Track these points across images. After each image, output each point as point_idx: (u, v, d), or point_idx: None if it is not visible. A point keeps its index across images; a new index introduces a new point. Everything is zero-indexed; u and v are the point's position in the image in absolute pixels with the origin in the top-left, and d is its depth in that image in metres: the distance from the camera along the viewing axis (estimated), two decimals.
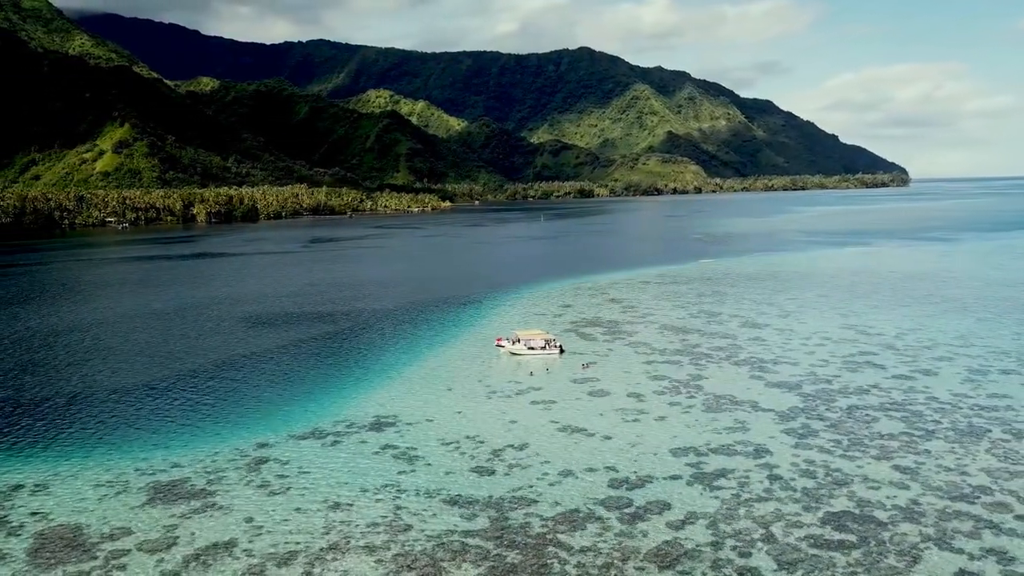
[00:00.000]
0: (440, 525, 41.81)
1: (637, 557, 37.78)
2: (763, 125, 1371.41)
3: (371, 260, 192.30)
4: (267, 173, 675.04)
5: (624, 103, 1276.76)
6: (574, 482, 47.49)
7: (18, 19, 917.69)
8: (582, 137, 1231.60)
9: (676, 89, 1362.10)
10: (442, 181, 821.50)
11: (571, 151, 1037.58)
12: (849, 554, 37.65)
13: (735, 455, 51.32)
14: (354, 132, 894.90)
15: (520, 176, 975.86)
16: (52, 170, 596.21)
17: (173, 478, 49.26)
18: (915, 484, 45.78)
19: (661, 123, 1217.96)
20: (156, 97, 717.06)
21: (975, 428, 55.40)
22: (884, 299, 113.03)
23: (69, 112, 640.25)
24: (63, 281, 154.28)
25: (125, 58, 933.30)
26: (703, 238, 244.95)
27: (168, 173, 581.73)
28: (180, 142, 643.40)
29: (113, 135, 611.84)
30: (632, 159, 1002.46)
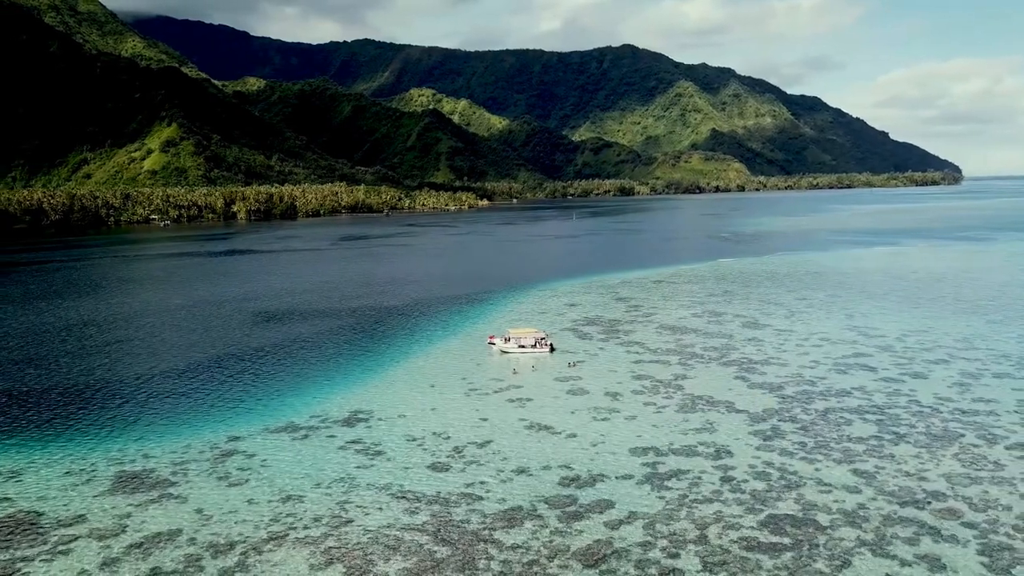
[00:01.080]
0: (382, 519, 42.47)
1: (564, 555, 37.95)
2: (810, 122, 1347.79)
3: (391, 258, 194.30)
4: (309, 171, 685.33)
5: (667, 100, 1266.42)
6: (525, 480, 47.76)
7: (74, 22, 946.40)
8: (624, 135, 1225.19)
9: (720, 86, 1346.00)
10: (482, 179, 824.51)
11: (612, 149, 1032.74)
12: (778, 557, 37.30)
13: (694, 456, 51.03)
14: (396, 131, 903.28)
15: (561, 174, 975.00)
16: (103, 168, 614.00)
17: (140, 468, 50.80)
18: (868, 489, 45.03)
19: (705, 120, 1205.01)
20: (203, 97, 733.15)
21: (949, 433, 54.17)
22: (896, 300, 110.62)
23: (120, 112, 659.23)
24: (92, 277, 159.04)
25: (175, 59, 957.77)
26: (731, 237, 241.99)
27: (213, 171, 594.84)
28: (225, 141, 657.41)
29: (161, 134, 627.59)
30: (674, 157, 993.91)
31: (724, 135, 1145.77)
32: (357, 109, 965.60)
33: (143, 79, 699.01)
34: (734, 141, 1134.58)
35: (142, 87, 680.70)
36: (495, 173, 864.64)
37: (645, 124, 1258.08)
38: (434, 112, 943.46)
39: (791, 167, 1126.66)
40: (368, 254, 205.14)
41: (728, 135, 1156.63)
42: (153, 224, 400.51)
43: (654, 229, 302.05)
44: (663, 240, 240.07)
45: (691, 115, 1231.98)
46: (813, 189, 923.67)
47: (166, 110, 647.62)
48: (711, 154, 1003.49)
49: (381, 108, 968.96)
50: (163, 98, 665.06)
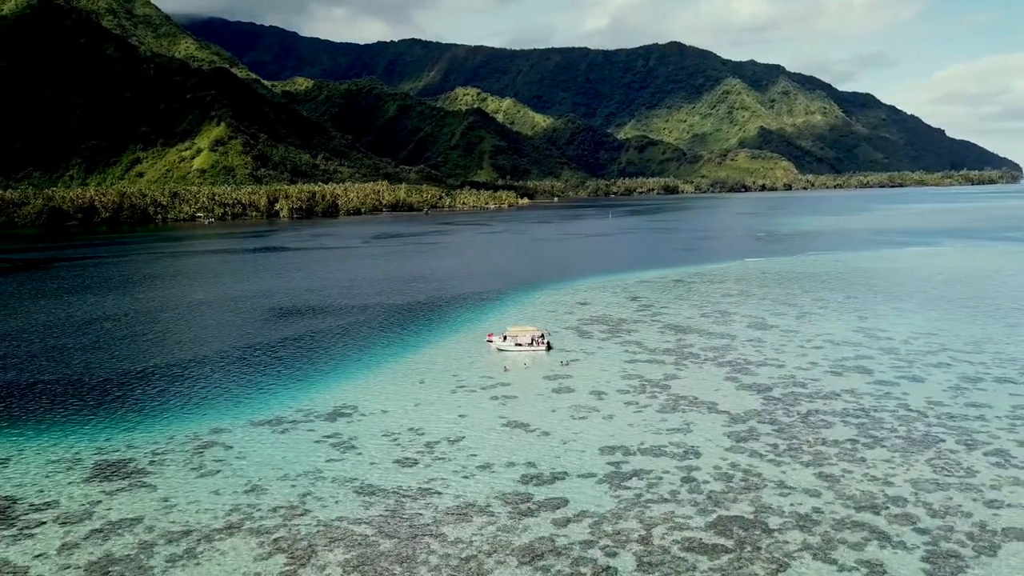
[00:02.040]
0: (336, 512, 43.27)
1: (504, 552, 38.24)
2: (862, 120, 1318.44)
3: (415, 256, 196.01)
4: (354, 170, 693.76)
5: (714, 98, 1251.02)
6: (487, 476, 48.14)
7: (130, 25, 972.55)
8: (670, 133, 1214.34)
9: (769, 83, 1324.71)
10: (525, 178, 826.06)
11: (657, 147, 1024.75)
12: (716, 559, 37.05)
13: (661, 456, 50.81)
14: (440, 130, 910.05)
15: (604, 172, 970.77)
16: (154, 167, 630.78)
17: (121, 458, 52.51)
18: (829, 492, 44.34)
19: (752, 118, 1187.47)
20: (251, 97, 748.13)
21: (928, 437, 52.96)
22: (915, 301, 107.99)
23: (171, 112, 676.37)
24: (124, 272, 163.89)
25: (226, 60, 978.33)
26: (764, 236, 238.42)
27: (260, 170, 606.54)
28: (272, 140, 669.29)
29: (210, 134, 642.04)
30: (720, 155, 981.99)
31: (772, 133, 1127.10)
32: (402, 108, 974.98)
33: (194, 80, 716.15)
34: (782, 139, 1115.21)
35: (193, 88, 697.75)
36: (538, 172, 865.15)
37: (691, 122, 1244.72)
38: (478, 111, 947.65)
39: (841, 165, 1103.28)
40: (395, 252, 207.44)
41: (776, 133, 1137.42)
42: (198, 222, 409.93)
43: (688, 228, 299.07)
44: (694, 239, 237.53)
45: (738, 113, 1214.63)
46: (863, 188, 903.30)
47: (216, 110, 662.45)
48: (758, 152, 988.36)
49: (426, 107, 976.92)
50: (213, 98, 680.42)
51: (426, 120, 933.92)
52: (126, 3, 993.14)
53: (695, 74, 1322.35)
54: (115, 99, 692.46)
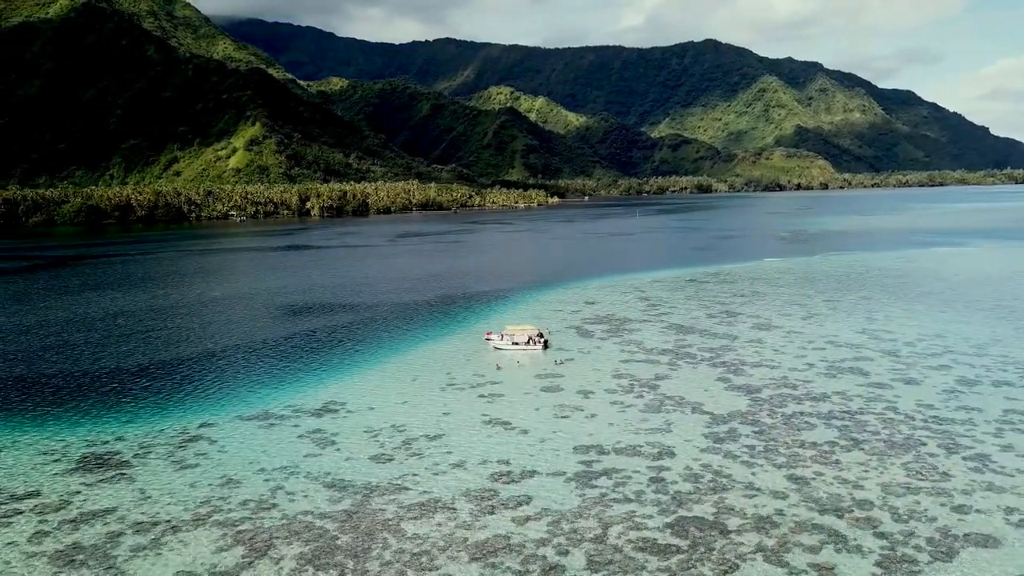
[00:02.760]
0: (302, 506, 44.01)
1: (457, 548, 38.60)
2: (903, 117, 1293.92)
3: (434, 255, 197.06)
4: (387, 169, 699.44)
5: (750, 96, 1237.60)
6: (458, 473, 48.54)
7: (170, 27, 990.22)
8: (705, 131, 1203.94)
9: (807, 81, 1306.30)
10: (557, 177, 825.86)
11: (691, 145, 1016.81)
12: (667, 559, 37.01)
13: (635, 456, 50.75)
14: (472, 129, 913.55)
15: (637, 171, 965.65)
16: (191, 166, 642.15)
17: (108, 450, 53.87)
18: (795, 495, 43.97)
19: (789, 116, 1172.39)
20: (286, 97, 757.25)
21: (911, 441, 52.14)
22: (928, 303, 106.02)
23: (208, 112, 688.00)
24: (148, 270, 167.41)
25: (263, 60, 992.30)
26: (789, 236, 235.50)
27: (293, 169, 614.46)
28: (306, 140, 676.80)
29: (245, 133, 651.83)
30: (755, 154, 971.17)
31: (809, 131, 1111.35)
32: (435, 108, 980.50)
33: (231, 80, 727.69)
34: (819, 137, 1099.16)
35: (229, 88, 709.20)
36: (570, 170, 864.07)
37: (727, 120, 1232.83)
38: (510, 110, 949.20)
39: (880, 164, 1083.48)
40: (415, 251, 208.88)
41: (813, 131, 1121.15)
42: (230, 220, 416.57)
43: (712, 227, 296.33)
44: (716, 239, 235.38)
45: (775, 111, 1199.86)
46: (902, 187, 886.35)
47: (251, 110, 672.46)
48: (794, 151, 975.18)
49: (459, 107, 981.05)
50: (248, 98, 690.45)
51: (459, 119, 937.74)
52: (166, 5, 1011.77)
53: (731, 72, 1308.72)
54: (154, 99, 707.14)
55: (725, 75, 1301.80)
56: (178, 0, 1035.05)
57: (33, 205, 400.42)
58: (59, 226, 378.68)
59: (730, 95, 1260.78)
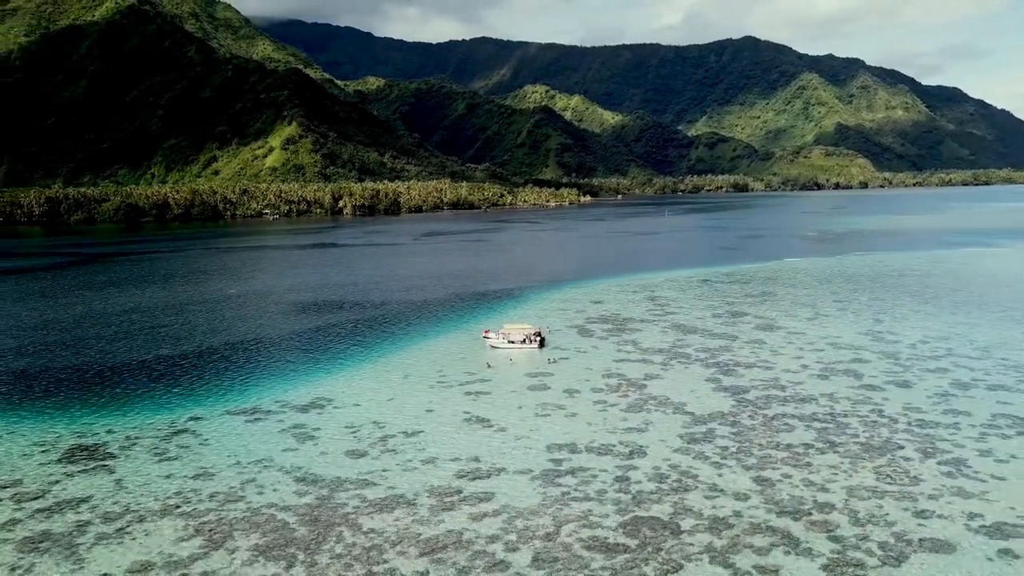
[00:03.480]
0: (269, 499, 44.90)
1: (409, 543, 39.11)
2: (948, 115, 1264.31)
3: (454, 253, 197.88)
4: (421, 168, 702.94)
5: (789, 94, 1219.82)
6: (427, 469, 49.06)
7: (211, 28, 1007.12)
8: (743, 130, 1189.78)
9: (848, 78, 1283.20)
10: (591, 176, 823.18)
11: (728, 144, 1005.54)
12: (612, 558, 37.11)
13: (607, 455, 50.78)
14: (507, 128, 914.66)
15: (673, 170, 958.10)
16: (229, 165, 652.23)
17: (96, 442, 55.41)
18: (757, 496, 43.68)
19: (829, 114, 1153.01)
20: (322, 97, 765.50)
21: (889, 444, 51.39)
22: (943, 304, 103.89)
23: (247, 112, 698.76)
24: (173, 267, 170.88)
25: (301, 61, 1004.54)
26: (816, 235, 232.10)
27: (329, 168, 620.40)
28: (341, 139, 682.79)
29: (282, 133, 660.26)
30: (793, 152, 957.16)
31: (850, 129, 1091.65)
32: (470, 107, 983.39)
33: (268, 80, 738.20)
34: (860, 135, 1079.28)
35: (267, 88, 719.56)
36: (604, 169, 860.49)
37: (765, 118, 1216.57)
38: (545, 109, 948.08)
39: (923, 163, 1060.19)
40: (437, 249, 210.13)
41: (854, 129, 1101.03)
42: (264, 218, 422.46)
43: (740, 226, 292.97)
44: (741, 238, 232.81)
45: (814, 108, 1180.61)
46: (945, 186, 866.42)
47: (288, 109, 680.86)
48: (833, 149, 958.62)
49: (493, 106, 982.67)
50: (285, 98, 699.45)
51: (493, 118, 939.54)
52: (208, 7, 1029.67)
53: (770, 69, 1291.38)
54: (195, 99, 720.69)
55: (764, 72, 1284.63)
56: (219, 2, 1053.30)
57: (75, 203, 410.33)
58: (99, 224, 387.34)
59: (769, 93, 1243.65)
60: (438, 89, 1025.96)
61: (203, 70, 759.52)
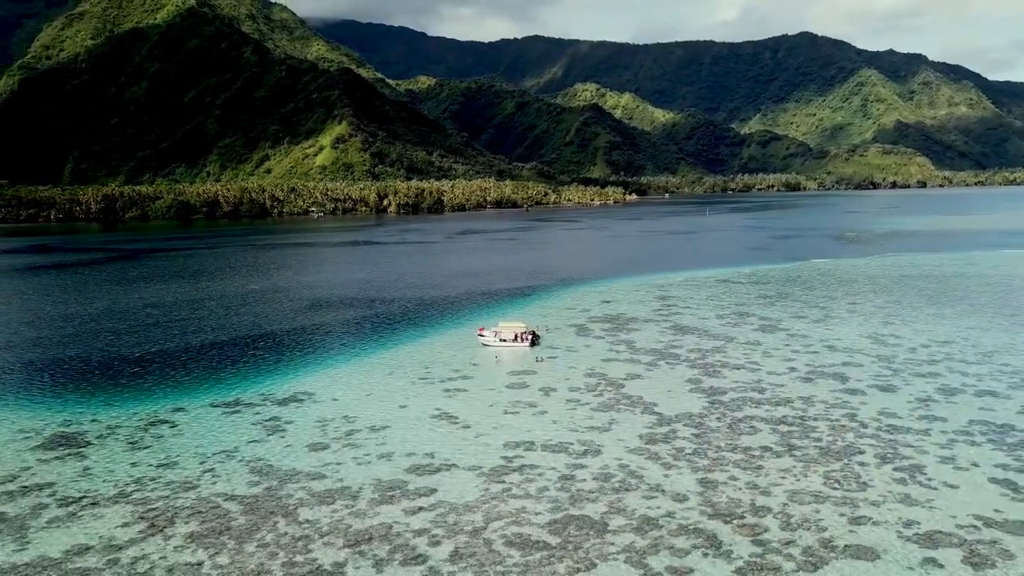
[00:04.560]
0: (220, 489, 46.25)
1: (337, 534, 39.96)
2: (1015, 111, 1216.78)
3: (481, 252, 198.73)
4: (468, 167, 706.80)
5: (847, 91, 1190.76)
6: (380, 463, 49.93)
7: (267, 29, 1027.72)
8: (798, 128, 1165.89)
9: (909, 74, 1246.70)
10: (640, 174, 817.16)
11: (781, 142, 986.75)
12: (529, 555, 37.38)
13: (560, 453, 50.93)
14: (555, 126, 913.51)
15: (724, 168, 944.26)
16: (281, 164, 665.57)
17: (77, 431, 57.65)
18: (696, 498, 43.41)
19: (888, 111, 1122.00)
20: (372, 96, 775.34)
21: (849, 449, 50.40)
22: (960, 307, 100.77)
23: (299, 111, 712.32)
24: (206, 263, 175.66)
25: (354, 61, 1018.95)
26: (855, 236, 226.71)
27: (377, 167, 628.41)
28: (390, 138, 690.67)
29: (332, 132, 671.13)
30: (849, 150, 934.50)
31: (910, 127, 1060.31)
32: (520, 105, 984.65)
33: (320, 80, 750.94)
34: (921, 133, 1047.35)
35: (319, 88, 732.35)
36: (653, 167, 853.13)
37: (821, 116, 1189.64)
38: (594, 107, 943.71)
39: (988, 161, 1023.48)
40: (464, 248, 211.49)
41: (915, 126, 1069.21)
42: (309, 216, 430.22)
43: (777, 226, 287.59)
44: (774, 238, 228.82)
45: (873, 105, 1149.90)
46: (1009, 185, 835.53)
47: (338, 109, 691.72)
48: (891, 147, 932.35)
49: (542, 104, 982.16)
50: (336, 98, 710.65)
51: (542, 117, 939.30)
52: (264, 9, 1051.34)
53: (827, 65, 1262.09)
54: (249, 99, 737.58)
55: (821, 69, 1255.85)
56: (275, 3, 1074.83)
57: (129, 201, 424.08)
58: (152, 220, 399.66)
59: (826, 90, 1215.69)
60: (488, 88, 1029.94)
61: (258, 71, 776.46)
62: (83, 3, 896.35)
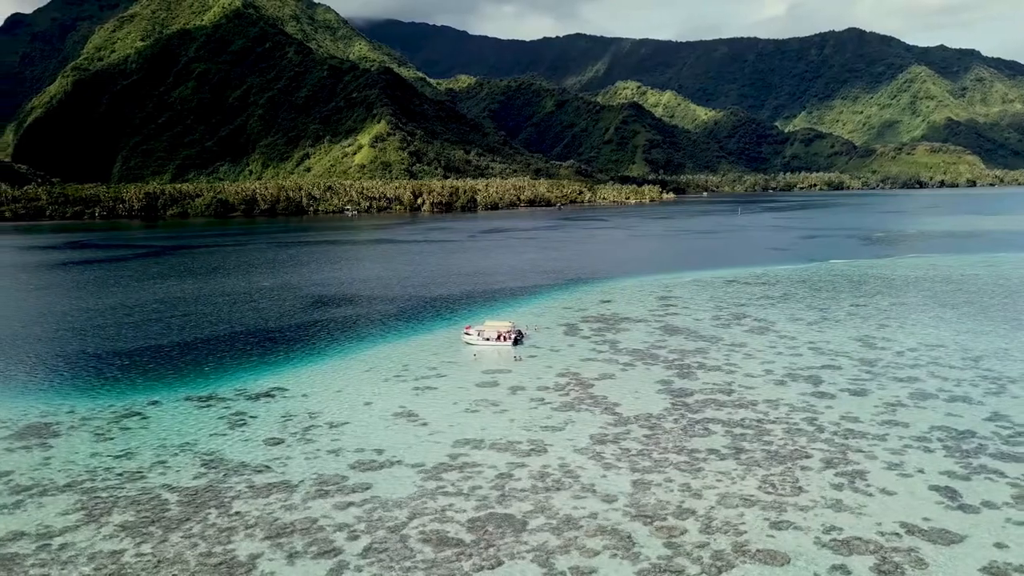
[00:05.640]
0: (167, 480, 47.49)
1: (261, 527, 40.80)
2: None
3: (497, 251, 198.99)
4: (505, 166, 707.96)
5: (896, 88, 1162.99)
6: (327, 458, 50.74)
7: (311, 30, 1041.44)
8: (844, 125, 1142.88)
9: (961, 70, 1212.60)
10: (679, 172, 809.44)
11: (825, 140, 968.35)
12: (440, 552, 37.75)
13: (505, 452, 51.18)
14: (594, 125, 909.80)
15: (767, 167, 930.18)
16: (320, 162, 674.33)
17: (51, 421, 59.53)
18: (624, 499, 43.32)
19: (939, 108, 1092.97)
20: (412, 95, 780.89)
21: (795, 454, 49.71)
22: (964, 310, 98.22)
23: (339, 111, 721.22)
24: (225, 260, 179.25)
25: (396, 60, 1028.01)
26: (882, 236, 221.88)
27: (415, 166, 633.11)
28: (428, 137, 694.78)
29: (371, 131, 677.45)
30: (896, 149, 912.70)
31: (961, 124, 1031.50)
32: (559, 104, 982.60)
33: (361, 80, 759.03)
34: (972, 130, 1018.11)
35: (359, 87, 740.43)
36: (693, 166, 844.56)
37: (868, 113, 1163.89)
38: (633, 105, 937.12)
39: None
40: (482, 246, 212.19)
41: (966, 124, 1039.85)
42: (344, 214, 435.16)
43: (807, 226, 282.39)
44: (799, 238, 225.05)
45: (923, 103, 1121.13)
46: None
47: (377, 108, 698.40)
48: (940, 145, 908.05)
49: (581, 102, 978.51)
50: (375, 97, 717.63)
51: (581, 115, 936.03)
52: (308, 9, 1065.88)
53: (875, 62, 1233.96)
54: (291, 99, 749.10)
55: (869, 65, 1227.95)
56: (319, 4, 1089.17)
57: (170, 198, 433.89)
58: (192, 218, 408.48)
59: (873, 87, 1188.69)
60: (527, 87, 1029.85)
61: (300, 70, 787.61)
62: (134, 5, 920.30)
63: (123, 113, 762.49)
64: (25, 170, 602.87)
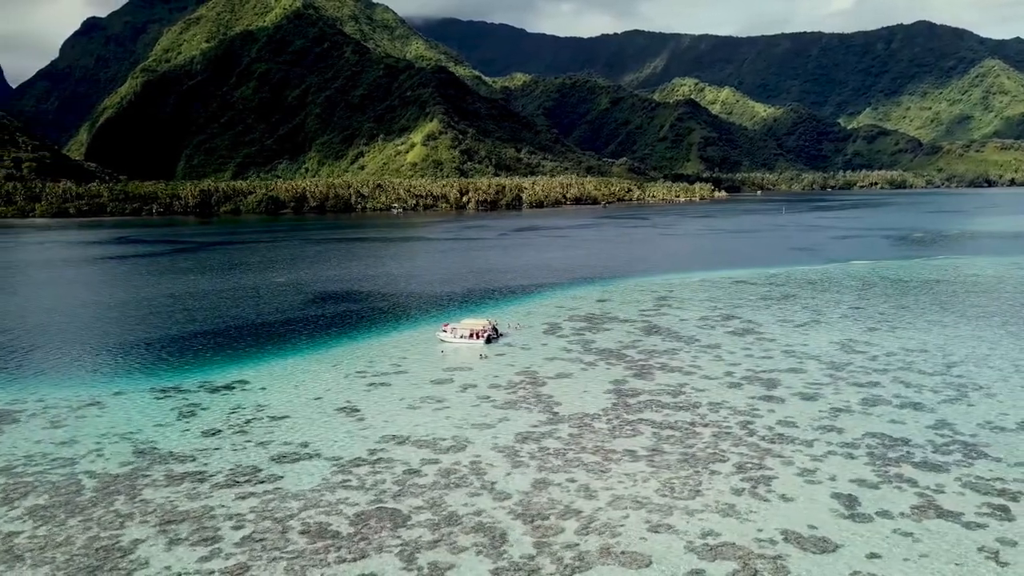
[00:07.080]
0: (96, 467, 49.29)
1: (157, 514, 42.21)
2: None
3: (518, 249, 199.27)
4: (557, 164, 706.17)
5: (967, 83, 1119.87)
6: (252, 450, 51.96)
7: (369, 30, 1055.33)
8: (911, 122, 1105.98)
9: None
10: (735, 170, 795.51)
11: (889, 137, 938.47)
12: (313, 543, 38.49)
13: (426, 448, 51.68)
14: (649, 122, 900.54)
15: (827, 165, 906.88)
16: (374, 160, 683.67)
17: (16, 409, 62.33)
18: (517, 497, 43.40)
19: (1013, 104, 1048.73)
20: (465, 93, 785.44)
21: (712, 457, 48.96)
22: (970, 315, 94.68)
23: (393, 109, 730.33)
24: (253, 256, 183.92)
25: (452, 59, 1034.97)
26: (921, 236, 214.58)
27: (466, 164, 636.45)
28: (480, 135, 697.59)
29: (424, 129, 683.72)
30: (963, 146, 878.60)
31: None
32: (613, 101, 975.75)
33: (416, 78, 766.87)
34: None
35: (413, 86, 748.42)
36: (750, 164, 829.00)
37: (937, 109, 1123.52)
38: (689, 102, 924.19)
39: None
40: (508, 245, 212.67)
41: None
42: (391, 212, 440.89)
43: (846, 226, 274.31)
44: (832, 238, 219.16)
45: (996, 98, 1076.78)
46: None
47: (431, 106, 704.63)
48: (1012, 142, 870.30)
49: (636, 99, 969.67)
50: (429, 96, 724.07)
51: (636, 112, 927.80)
52: (366, 10, 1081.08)
53: (945, 56, 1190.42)
54: (348, 98, 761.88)
55: (938, 60, 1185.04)
56: (378, 4, 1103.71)
57: (224, 195, 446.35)
58: (243, 215, 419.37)
59: (943, 81, 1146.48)
60: (582, 84, 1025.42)
61: (357, 70, 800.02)
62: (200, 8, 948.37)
63: (188, 113, 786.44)
64: (94, 168, 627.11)
